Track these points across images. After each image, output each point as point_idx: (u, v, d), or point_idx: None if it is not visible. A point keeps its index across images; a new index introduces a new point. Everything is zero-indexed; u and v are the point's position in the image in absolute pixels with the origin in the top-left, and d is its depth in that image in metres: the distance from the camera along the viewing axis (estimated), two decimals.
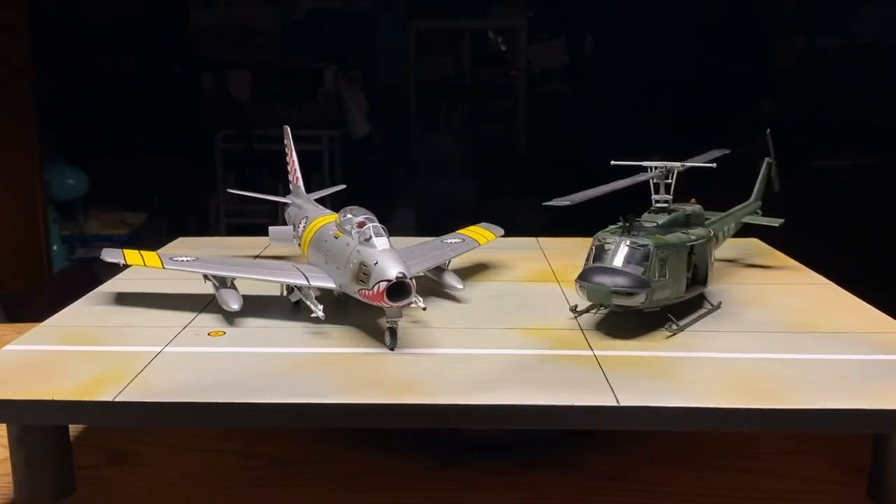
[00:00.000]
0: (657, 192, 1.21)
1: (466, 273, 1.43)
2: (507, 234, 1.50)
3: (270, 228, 1.51)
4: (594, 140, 3.86)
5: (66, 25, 4.29)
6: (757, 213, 1.51)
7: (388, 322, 1.08)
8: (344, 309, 1.22)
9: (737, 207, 1.45)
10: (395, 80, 4.60)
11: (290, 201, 1.54)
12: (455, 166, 4.46)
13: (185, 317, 1.24)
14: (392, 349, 1.08)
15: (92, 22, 4.37)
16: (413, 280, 1.05)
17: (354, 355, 1.08)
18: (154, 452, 1.15)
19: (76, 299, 1.32)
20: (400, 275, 1.04)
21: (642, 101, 4.00)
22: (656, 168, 1.19)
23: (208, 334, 1.17)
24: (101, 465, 1.12)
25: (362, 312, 1.18)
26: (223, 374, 1.02)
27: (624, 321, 1.13)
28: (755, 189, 1.53)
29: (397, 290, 1.04)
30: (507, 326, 1.17)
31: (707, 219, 1.31)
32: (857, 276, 1.42)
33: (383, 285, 1.03)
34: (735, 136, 4.04)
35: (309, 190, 1.57)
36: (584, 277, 1.10)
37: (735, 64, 4.07)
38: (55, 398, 0.96)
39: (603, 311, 1.15)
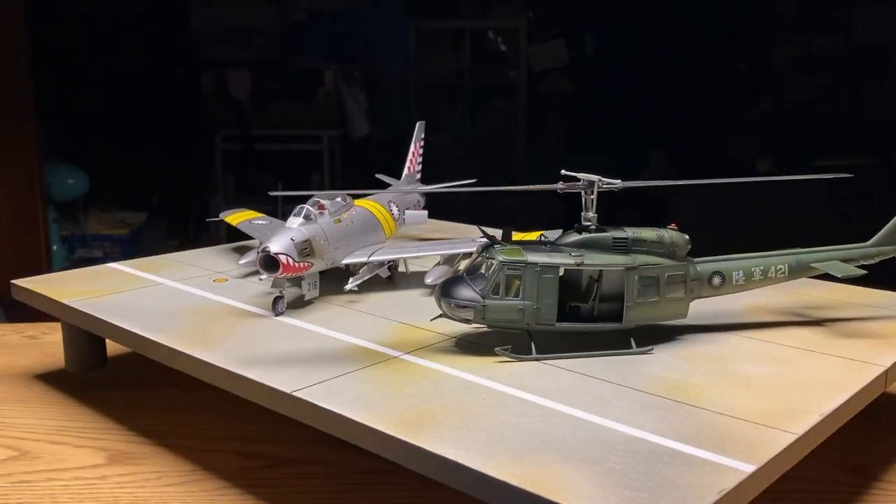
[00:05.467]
0: (586, 209, 1.08)
1: None
2: None
3: None
4: (594, 140, 3.87)
5: (67, 25, 4.29)
6: (869, 261, 1.20)
7: (272, 290, 1.21)
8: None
9: (813, 248, 1.19)
10: (394, 80, 4.60)
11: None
12: (454, 165, 4.46)
13: (231, 265, 1.49)
14: (276, 316, 1.20)
15: (92, 22, 4.38)
16: (287, 257, 1.15)
17: (243, 313, 1.23)
18: (154, 452, 1.15)
19: None
20: (266, 248, 1.15)
21: (642, 101, 4.00)
22: (580, 181, 1.07)
23: (213, 280, 1.40)
24: (101, 465, 1.12)
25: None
26: (156, 305, 1.27)
27: (542, 342, 1.05)
28: (881, 233, 1.21)
29: (266, 262, 1.16)
30: (398, 320, 1.21)
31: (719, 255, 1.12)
32: None
33: (258, 255, 1.17)
34: (736, 136, 4.06)
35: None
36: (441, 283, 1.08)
37: (739, 64, 4.07)
38: (46, 294, 1.31)
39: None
